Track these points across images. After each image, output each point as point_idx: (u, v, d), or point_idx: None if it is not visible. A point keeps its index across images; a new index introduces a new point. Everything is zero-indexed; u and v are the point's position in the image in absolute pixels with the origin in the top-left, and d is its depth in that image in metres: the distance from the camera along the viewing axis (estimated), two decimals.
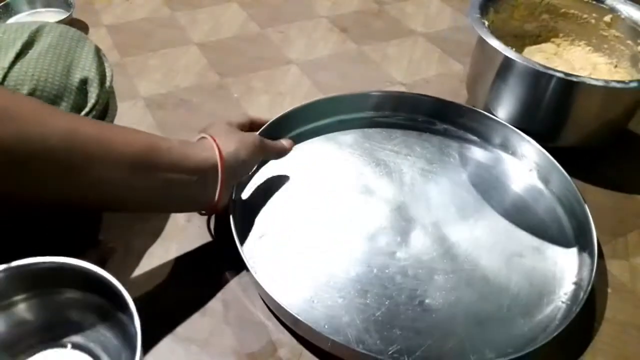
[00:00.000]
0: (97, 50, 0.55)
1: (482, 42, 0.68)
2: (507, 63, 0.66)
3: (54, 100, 0.48)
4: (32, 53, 0.48)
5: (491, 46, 0.65)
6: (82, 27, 0.93)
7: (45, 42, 0.49)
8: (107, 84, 0.53)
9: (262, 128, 0.64)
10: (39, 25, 0.51)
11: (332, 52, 0.88)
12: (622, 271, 0.58)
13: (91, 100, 0.51)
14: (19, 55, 0.47)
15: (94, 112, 0.51)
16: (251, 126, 0.62)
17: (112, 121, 0.55)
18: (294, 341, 0.50)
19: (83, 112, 0.50)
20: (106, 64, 0.55)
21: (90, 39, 0.55)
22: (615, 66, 0.75)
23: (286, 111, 0.67)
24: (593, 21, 0.76)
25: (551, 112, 0.66)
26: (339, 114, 0.71)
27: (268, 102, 0.77)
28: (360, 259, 0.55)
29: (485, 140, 0.70)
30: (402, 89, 0.81)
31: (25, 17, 0.91)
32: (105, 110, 0.53)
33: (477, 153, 0.69)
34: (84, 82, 0.51)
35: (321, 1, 1.01)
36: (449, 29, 0.96)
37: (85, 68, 0.52)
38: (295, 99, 0.78)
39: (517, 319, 0.51)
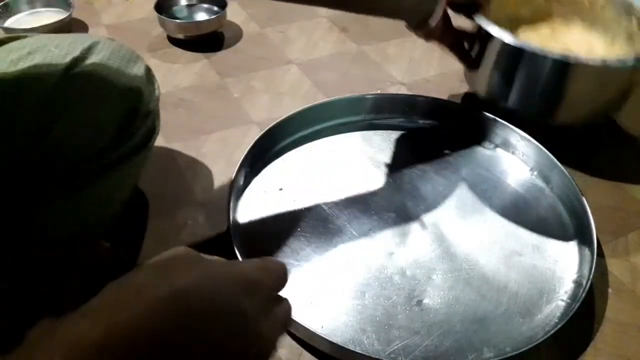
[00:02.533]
0: (148, 71, 0.53)
1: (477, 27, 0.68)
2: (504, 46, 0.66)
3: None
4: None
5: (487, 31, 0.65)
6: (82, 26, 0.93)
7: (96, 59, 0.49)
8: (151, 106, 0.51)
9: (259, 136, 0.64)
10: (92, 41, 0.49)
11: (332, 51, 0.89)
12: (623, 271, 0.58)
13: (134, 125, 0.49)
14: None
15: (135, 137, 0.49)
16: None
17: (152, 142, 0.52)
18: (293, 342, 0.50)
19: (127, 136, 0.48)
20: (155, 85, 0.54)
21: (142, 58, 0.54)
22: (612, 44, 0.74)
23: (285, 116, 0.67)
24: (587, 4, 0.75)
25: (549, 92, 0.66)
26: (337, 117, 0.72)
27: (268, 101, 0.78)
28: (358, 260, 0.56)
29: (485, 139, 0.71)
30: (403, 88, 0.81)
31: (25, 17, 0.91)
32: (150, 133, 0.51)
33: (478, 153, 0.69)
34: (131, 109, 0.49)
35: None
36: None
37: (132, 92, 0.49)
38: (295, 98, 0.78)
39: (516, 317, 0.52)
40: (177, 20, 0.88)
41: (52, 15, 0.91)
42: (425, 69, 0.86)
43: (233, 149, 0.69)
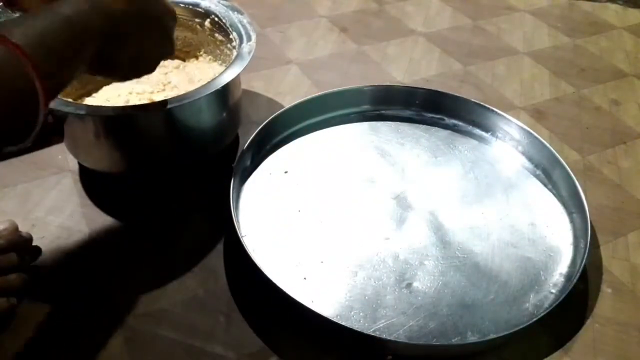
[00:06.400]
0: None
1: None
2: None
3: None
4: None
5: None
6: None
7: None
8: None
9: (267, 121, 0.67)
10: None
11: (332, 51, 0.91)
12: (623, 271, 0.59)
13: None
14: None
15: None
16: None
17: None
18: (293, 341, 0.51)
19: None
20: None
21: None
22: None
23: (294, 103, 0.71)
24: (199, 27, 0.70)
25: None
26: (347, 107, 0.75)
27: (268, 101, 0.80)
28: (354, 242, 0.58)
29: (493, 136, 0.73)
30: None
31: None
32: None
33: (484, 148, 0.72)
34: None
35: (321, 1, 1.04)
36: (449, 29, 0.99)
37: None
38: (295, 98, 0.79)
39: (504, 306, 0.53)
40: None
41: None
42: (425, 69, 0.88)
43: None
